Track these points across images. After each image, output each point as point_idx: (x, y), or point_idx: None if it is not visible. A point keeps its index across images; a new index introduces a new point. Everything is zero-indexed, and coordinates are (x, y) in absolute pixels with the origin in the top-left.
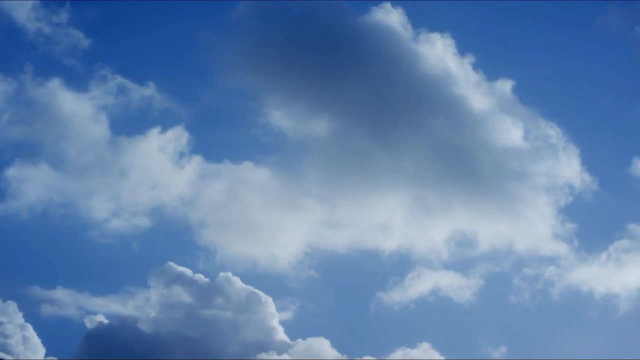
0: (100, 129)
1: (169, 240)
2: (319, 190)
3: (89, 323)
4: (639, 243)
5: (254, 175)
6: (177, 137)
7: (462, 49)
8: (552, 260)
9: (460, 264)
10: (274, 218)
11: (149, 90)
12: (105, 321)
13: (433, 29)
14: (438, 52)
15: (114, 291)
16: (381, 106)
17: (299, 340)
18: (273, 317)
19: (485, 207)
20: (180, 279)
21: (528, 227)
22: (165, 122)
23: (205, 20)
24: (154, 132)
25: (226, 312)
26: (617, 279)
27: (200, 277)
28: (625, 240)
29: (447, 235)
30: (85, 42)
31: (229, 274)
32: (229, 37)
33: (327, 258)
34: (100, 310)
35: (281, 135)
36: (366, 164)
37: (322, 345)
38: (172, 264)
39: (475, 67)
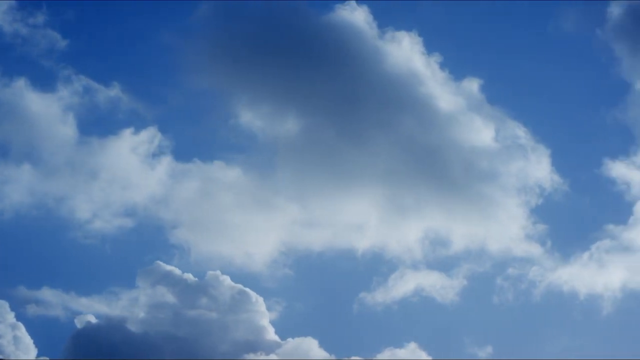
0: (69, 130)
1: (149, 240)
2: (291, 189)
3: (79, 323)
4: (620, 243)
5: (226, 174)
6: (147, 137)
7: (429, 48)
8: (526, 260)
9: (441, 265)
10: (247, 217)
11: (115, 91)
12: (94, 321)
13: (399, 27)
14: (405, 51)
15: (99, 291)
16: (349, 105)
17: (289, 339)
18: (263, 316)
19: (457, 207)
20: (168, 278)
21: (500, 228)
22: (133, 122)
23: (166, 20)
24: (123, 132)
25: (215, 311)
26: (599, 279)
27: (189, 276)
28: (607, 240)
29: (421, 235)
30: (49, 43)
31: (218, 272)
32: (192, 37)
33: (303, 257)
34: (88, 310)
35: (251, 135)
36: (337, 162)
37: (310, 345)
38: (160, 263)
39: (442, 66)
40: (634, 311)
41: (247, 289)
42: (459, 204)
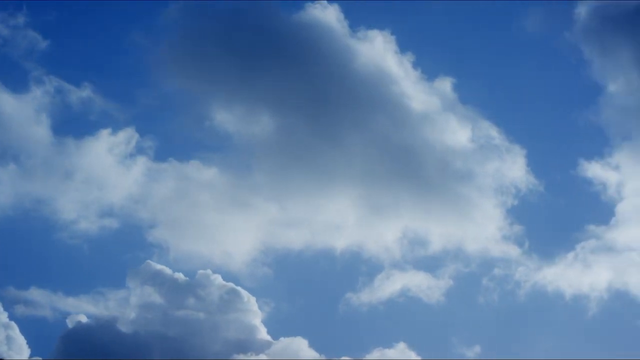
0: (43, 131)
1: (130, 240)
2: (268, 189)
3: (70, 323)
4: (603, 244)
5: (203, 174)
6: (123, 137)
7: (402, 47)
8: (505, 261)
9: (423, 265)
10: (225, 216)
11: (86, 92)
12: (85, 321)
13: (371, 26)
14: (377, 50)
15: (86, 291)
16: (322, 104)
17: (281, 339)
18: (255, 315)
19: (434, 207)
20: (158, 278)
21: (478, 228)
22: (107, 123)
23: (136, 21)
24: (97, 133)
25: (206, 310)
26: (583, 279)
27: (179, 275)
28: (590, 241)
29: (399, 235)
30: (20, 44)
31: (209, 271)
32: (163, 38)
33: (282, 257)
34: (76, 310)
35: (226, 135)
36: (313, 161)
37: (300, 345)
38: (150, 262)
39: (415, 65)
40: (619, 311)
41: (239, 288)
42: (436, 204)
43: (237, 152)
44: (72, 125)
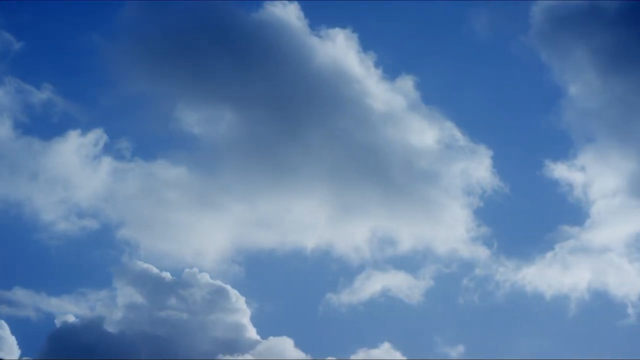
0: (4, 132)
1: (102, 240)
2: (237, 188)
3: (58, 323)
4: (575, 245)
5: (170, 173)
6: (88, 138)
7: (364, 46)
8: (473, 262)
9: (394, 265)
10: (195, 216)
11: (47, 93)
12: (72, 321)
13: (332, 25)
14: (339, 49)
15: (69, 291)
16: (285, 103)
17: (270, 338)
18: (243, 314)
19: (402, 208)
20: (144, 277)
21: (445, 229)
22: (69, 124)
23: (92, 22)
24: (62, 134)
25: (193, 309)
26: (554, 281)
27: (166, 274)
28: (560, 242)
29: (369, 235)
30: None
31: (195, 270)
32: (121, 38)
33: (254, 256)
34: (63, 310)
35: (191, 134)
36: (280, 161)
37: (286, 344)
38: (137, 262)
39: (377, 64)
40: (598, 311)
41: (227, 286)
42: (403, 204)
43: (204, 151)
44: (35, 126)
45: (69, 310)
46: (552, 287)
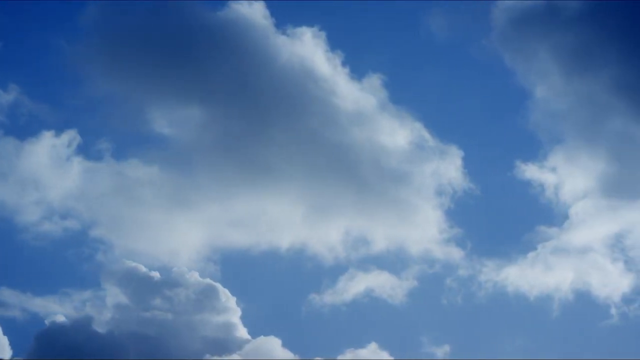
0: None
1: (77, 240)
2: (210, 187)
3: (48, 323)
4: (554, 245)
5: (142, 173)
6: (56, 139)
7: (332, 45)
8: (447, 263)
9: (368, 265)
10: (169, 215)
11: (14, 94)
12: (60, 320)
13: (299, 24)
14: (306, 48)
15: (53, 292)
16: (254, 103)
17: (259, 337)
18: (234, 313)
19: (374, 208)
20: (132, 276)
21: (418, 230)
22: (38, 125)
23: (56, 22)
24: (30, 135)
25: (181, 309)
26: (524, 281)
27: (155, 274)
28: (537, 243)
29: (343, 236)
30: None
31: (184, 268)
32: (86, 38)
33: (229, 256)
34: (48, 310)
35: (162, 133)
36: (251, 160)
37: (274, 344)
38: (125, 261)
39: (344, 63)
40: (580, 312)
41: (217, 284)
42: (375, 204)
43: (176, 151)
44: (2, 127)
45: (53, 310)
46: (534, 288)
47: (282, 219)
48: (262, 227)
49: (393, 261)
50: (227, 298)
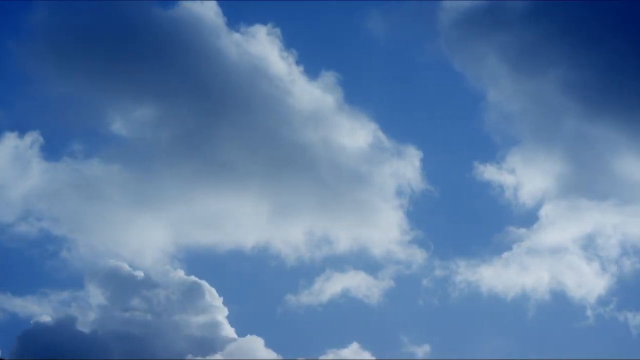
0: None
1: (41, 239)
2: (172, 186)
3: (30, 323)
4: (503, 246)
5: (104, 172)
6: (13, 140)
7: (286, 44)
8: (411, 263)
9: (329, 266)
10: (132, 214)
11: None
12: (43, 321)
13: (252, 23)
14: (260, 46)
15: (32, 292)
16: (209, 102)
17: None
18: (219, 311)
19: (335, 208)
20: (116, 276)
21: (380, 231)
22: None
23: (3, 23)
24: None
25: (166, 307)
26: (477, 281)
27: (139, 273)
28: (498, 243)
29: (306, 236)
30: None
31: (168, 267)
32: (34, 39)
33: (195, 255)
34: (27, 310)
35: (119, 132)
36: (212, 159)
37: (256, 343)
38: (110, 261)
39: (299, 62)
40: (555, 313)
41: (203, 281)
42: (336, 205)
43: (135, 149)
44: None
45: (32, 310)
46: (505, 288)
47: (246, 218)
48: (227, 225)
49: (357, 262)
50: (212, 297)
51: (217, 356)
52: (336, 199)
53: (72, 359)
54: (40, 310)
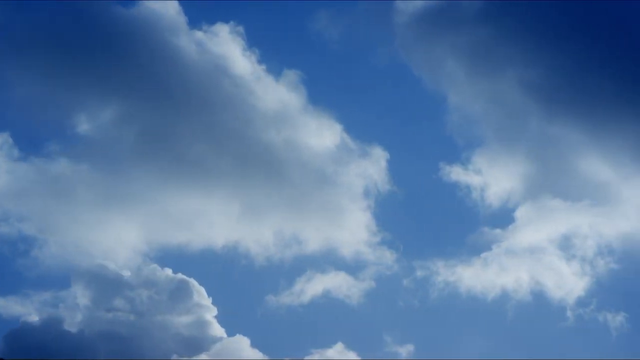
0: None
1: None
2: (143, 185)
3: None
4: (472, 247)
5: (73, 171)
6: None
7: (249, 42)
8: (380, 264)
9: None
10: (102, 214)
11: None
12: (30, 321)
13: (213, 22)
14: (222, 45)
15: (14, 292)
16: (171, 101)
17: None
18: (207, 310)
19: (304, 209)
20: (101, 275)
21: (347, 232)
22: None
23: None
24: None
25: (153, 306)
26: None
27: (125, 272)
28: (464, 244)
29: (275, 236)
30: None
31: (156, 265)
32: None
33: (167, 254)
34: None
35: (86, 132)
36: (180, 158)
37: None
38: (95, 260)
39: (261, 61)
40: (535, 313)
41: (191, 279)
42: (305, 205)
43: (102, 149)
44: None
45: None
46: (468, 288)
47: (216, 217)
48: (198, 224)
49: (326, 262)
50: (201, 295)
51: (203, 356)
52: (304, 199)
53: (58, 358)
54: (23, 310)
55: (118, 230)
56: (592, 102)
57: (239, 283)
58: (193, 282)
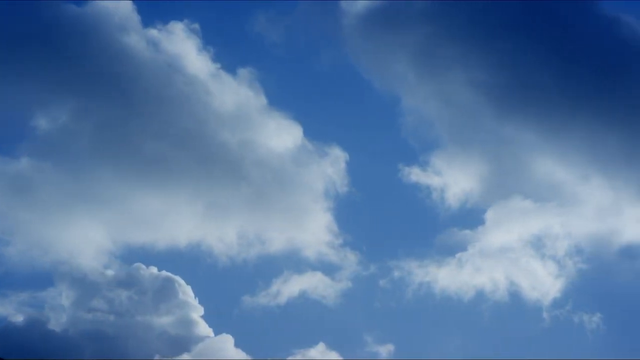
0: None
1: None
2: (106, 184)
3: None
4: (438, 249)
5: (35, 171)
6: None
7: (205, 40)
8: (343, 266)
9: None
10: (68, 212)
11: None
12: (15, 321)
13: (167, 20)
14: (175, 44)
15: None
16: (125, 101)
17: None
18: (193, 308)
19: (265, 210)
20: (86, 275)
21: (309, 233)
22: None
23: None
24: None
25: (140, 305)
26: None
27: (109, 271)
28: (432, 246)
29: (237, 236)
30: None
31: (141, 264)
32: None
33: (133, 254)
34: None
35: (47, 132)
36: (143, 157)
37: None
38: (79, 259)
39: (215, 60)
40: (509, 314)
41: (178, 277)
42: (266, 205)
43: (64, 148)
44: None
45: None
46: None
47: (180, 216)
48: (162, 223)
49: (289, 263)
50: (187, 294)
51: (185, 356)
52: (266, 199)
53: (42, 358)
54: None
55: (83, 229)
56: (543, 101)
57: (214, 283)
58: (178, 279)
